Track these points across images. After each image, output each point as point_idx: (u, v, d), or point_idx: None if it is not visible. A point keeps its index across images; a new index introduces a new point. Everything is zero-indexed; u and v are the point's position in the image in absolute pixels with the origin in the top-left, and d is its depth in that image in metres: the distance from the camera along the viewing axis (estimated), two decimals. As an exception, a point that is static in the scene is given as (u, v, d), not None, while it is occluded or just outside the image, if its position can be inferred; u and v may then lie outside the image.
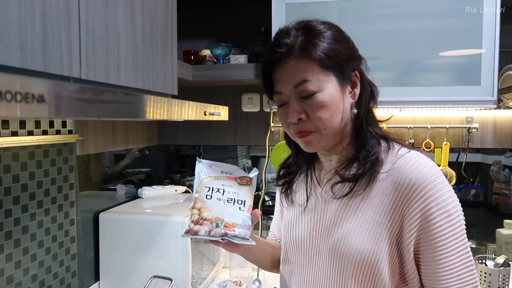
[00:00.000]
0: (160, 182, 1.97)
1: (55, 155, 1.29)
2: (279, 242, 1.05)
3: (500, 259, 1.52)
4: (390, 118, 0.90)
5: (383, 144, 0.82)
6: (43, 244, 1.24)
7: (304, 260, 0.87)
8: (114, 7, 0.90)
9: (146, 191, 1.72)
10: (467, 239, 0.75)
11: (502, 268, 1.49)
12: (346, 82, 0.79)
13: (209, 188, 0.83)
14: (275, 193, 1.94)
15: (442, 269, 0.73)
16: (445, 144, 1.66)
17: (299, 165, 0.94)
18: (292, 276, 0.90)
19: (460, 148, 1.70)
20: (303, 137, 0.80)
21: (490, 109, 1.61)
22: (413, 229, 0.74)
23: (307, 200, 0.89)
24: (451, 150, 1.68)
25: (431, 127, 1.67)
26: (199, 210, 0.81)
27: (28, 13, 0.65)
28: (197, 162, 0.87)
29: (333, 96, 0.77)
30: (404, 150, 0.80)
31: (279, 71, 0.79)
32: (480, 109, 1.64)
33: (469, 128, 1.66)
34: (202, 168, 0.86)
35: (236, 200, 0.83)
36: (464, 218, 0.75)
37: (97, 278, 1.50)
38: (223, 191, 0.83)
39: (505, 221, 1.67)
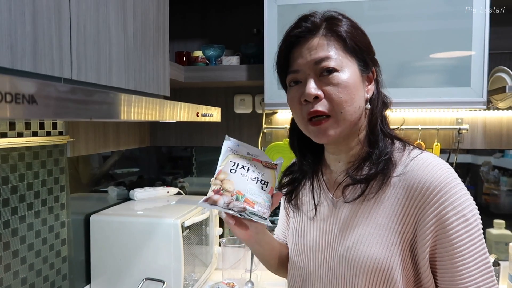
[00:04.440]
0: (152, 183, 1.96)
1: (46, 156, 1.28)
2: (285, 244, 1.01)
3: (490, 259, 1.54)
4: (400, 126, 0.88)
5: (397, 144, 0.79)
6: (33, 247, 1.23)
7: (314, 268, 0.83)
8: (106, 8, 0.90)
9: (138, 193, 1.71)
10: (485, 244, 0.72)
11: (492, 267, 1.51)
12: (365, 73, 0.78)
13: (234, 163, 0.81)
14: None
15: (460, 276, 0.70)
16: (436, 145, 1.68)
17: (304, 171, 0.89)
18: (302, 285, 0.86)
19: (450, 149, 1.72)
20: (317, 125, 0.75)
21: (480, 110, 1.63)
22: (428, 235, 0.70)
23: (315, 208, 0.85)
24: (442, 151, 1.70)
25: (422, 128, 1.68)
26: (221, 181, 0.78)
27: (18, 13, 0.64)
28: (225, 139, 0.85)
29: (353, 79, 0.75)
30: (416, 151, 0.77)
31: (300, 48, 0.77)
32: (470, 110, 1.66)
33: (459, 129, 1.68)
34: (230, 145, 0.84)
35: (259, 179, 0.80)
36: (481, 222, 0.72)
37: (88, 280, 1.49)
38: (248, 169, 0.81)
39: (495, 221, 1.69)
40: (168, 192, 1.79)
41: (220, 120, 1.31)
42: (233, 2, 1.85)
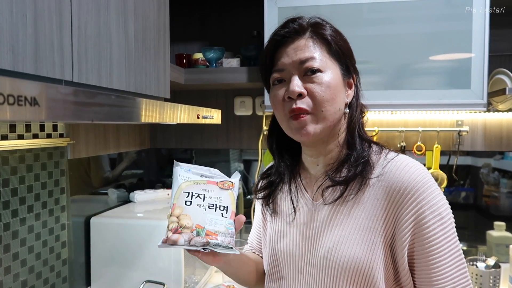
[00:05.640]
0: (152, 186, 1.96)
1: (46, 159, 1.28)
2: (258, 255, 1.00)
3: (491, 261, 1.54)
4: (376, 134, 0.91)
5: (374, 147, 0.82)
6: (34, 250, 1.23)
7: (294, 272, 0.82)
8: (107, 10, 0.90)
9: (138, 195, 1.71)
10: (459, 242, 0.75)
11: (493, 269, 1.51)
12: (346, 78, 0.81)
13: (188, 193, 0.76)
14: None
15: (436, 272, 0.72)
16: (436, 147, 1.68)
17: (281, 174, 0.89)
18: None
19: (450, 151, 1.72)
20: (298, 119, 0.76)
21: (480, 112, 1.63)
22: (407, 234, 0.73)
23: (294, 211, 0.84)
24: (442, 153, 1.70)
25: (422, 130, 1.68)
26: (177, 217, 0.74)
27: (20, 16, 0.64)
28: (174, 165, 0.80)
29: (335, 81, 0.78)
30: (392, 154, 0.80)
31: (285, 48, 0.79)
32: (470, 112, 1.66)
33: (460, 131, 1.68)
34: (180, 172, 0.79)
35: (218, 206, 0.76)
36: (454, 220, 0.75)
37: (88, 283, 1.49)
38: (204, 197, 0.76)
39: (495, 223, 1.69)
40: (168, 194, 1.79)
41: (220, 122, 1.31)
42: (233, 5, 1.85)
